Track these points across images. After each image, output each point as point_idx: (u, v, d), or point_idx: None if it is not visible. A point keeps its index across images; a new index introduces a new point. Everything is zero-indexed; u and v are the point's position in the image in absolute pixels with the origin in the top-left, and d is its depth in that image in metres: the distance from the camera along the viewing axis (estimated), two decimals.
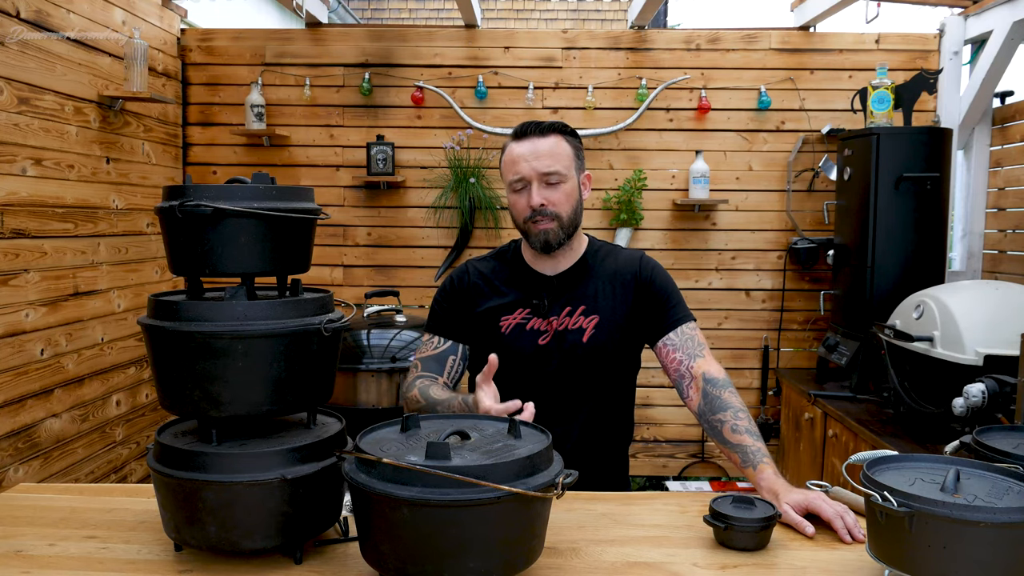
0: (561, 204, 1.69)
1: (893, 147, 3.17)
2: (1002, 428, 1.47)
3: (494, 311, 1.77)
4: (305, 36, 3.87)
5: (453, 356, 1.80)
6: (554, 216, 1.69)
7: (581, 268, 1.79)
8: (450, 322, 1.81)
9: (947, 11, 3.78)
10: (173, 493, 1.26)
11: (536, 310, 1.75)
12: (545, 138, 1.70)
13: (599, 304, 1.75)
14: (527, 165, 1.68)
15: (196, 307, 1.28)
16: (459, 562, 1.09)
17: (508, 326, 1.76)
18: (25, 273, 2.66)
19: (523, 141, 1.70)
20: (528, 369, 1.74)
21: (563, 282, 1.77)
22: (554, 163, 1.68)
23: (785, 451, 3.74)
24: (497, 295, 1.79)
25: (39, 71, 2.72)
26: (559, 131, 1.73)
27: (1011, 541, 1.06)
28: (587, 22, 8.70)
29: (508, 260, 1.84)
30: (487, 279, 1.81)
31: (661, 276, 1.79)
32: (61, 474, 2.86)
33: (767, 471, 1.51)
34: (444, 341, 1.80)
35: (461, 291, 1.81)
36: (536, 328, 1.75)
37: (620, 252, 1.84)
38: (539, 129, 1.71)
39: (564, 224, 1.70)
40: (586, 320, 1.74)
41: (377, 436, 1.26)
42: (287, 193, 1.34)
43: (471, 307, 1.79)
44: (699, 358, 1.71)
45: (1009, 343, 2.32)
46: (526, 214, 1.70)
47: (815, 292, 3.89)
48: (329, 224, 3.90)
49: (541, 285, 1.77)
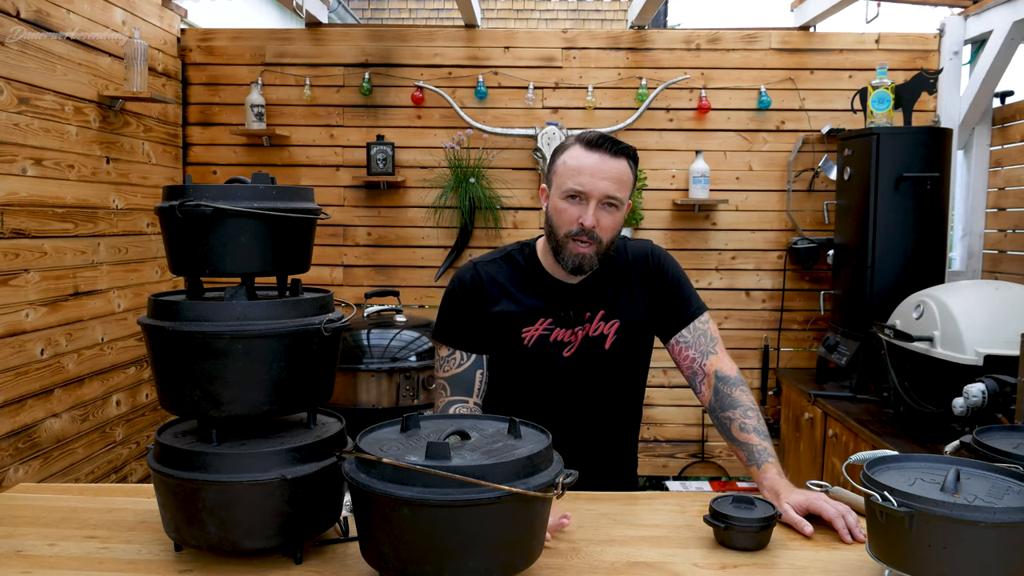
0: (609, 231, 1.62)
1: (893, 147, 3.17)
2: (1002, 428, 1.47)
3: (511, 318, 1.69)
4: (305, 36, 3.87)
5: (480, 371, 1.70)
6: (598, 240, 1.60)
7: (599, 272, 1.71)
8: (467, 331, 1.70)
9: (947, 11, 3.78)
10: (173, 493, 1.26)
11: (561, 321, 1.68)
12: (617, 159, 1.60)
13: (619, 306, 1.70)
14: (592, 181, 1.58)
15: (196, 307, 1.28)
16: (459, 562, 1.09)
17: (531, 338, 1.68)
18: (25, 273, 2.66)
19: (594, 153, 1.59)
20: (551, 381, 1.70)
21: (585, 289, 1.71)
22: (620, 189, 1.60)
23: (785, 451, 3.74)
24: (512, 301, 1.70)
25: (39, 71, 2.72)
26: (630, 156, 1.63)
27: (1011, 541, 1.06)
28: (587, 22, 8.70)
29: (522, 265, 1.73)
30: (499, 283, 1.71)
31: (673, 267, 1.75)
32: (61, 474, 2.86)
33: (771, 471, 1.51)
34: (467, 356, 1.70)
35: (473, 294, 1.70)
36: (560, 339, 1.68)
37: (628, 245, 1.78)
38: (614, 148, 1.60)
39: (601, 251, 1.63)
40: (607, 326, 1.69)
41: (377, 436, 1.26)
42: (287, 193, 1.34)
43: (484, 310, 1.70)
44: (712, 355, 1.70)
45: (1009, 343, 2.32)
46: (572, 229, 1.60)
47: (815, 292, 3.89)
48: (329, 224, 3.90)
49: (564, 294, 1.69)
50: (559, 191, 1.62)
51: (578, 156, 1.60)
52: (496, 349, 1.71)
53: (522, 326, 1.68)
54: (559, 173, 1.63)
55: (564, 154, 1.64)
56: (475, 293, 1.70)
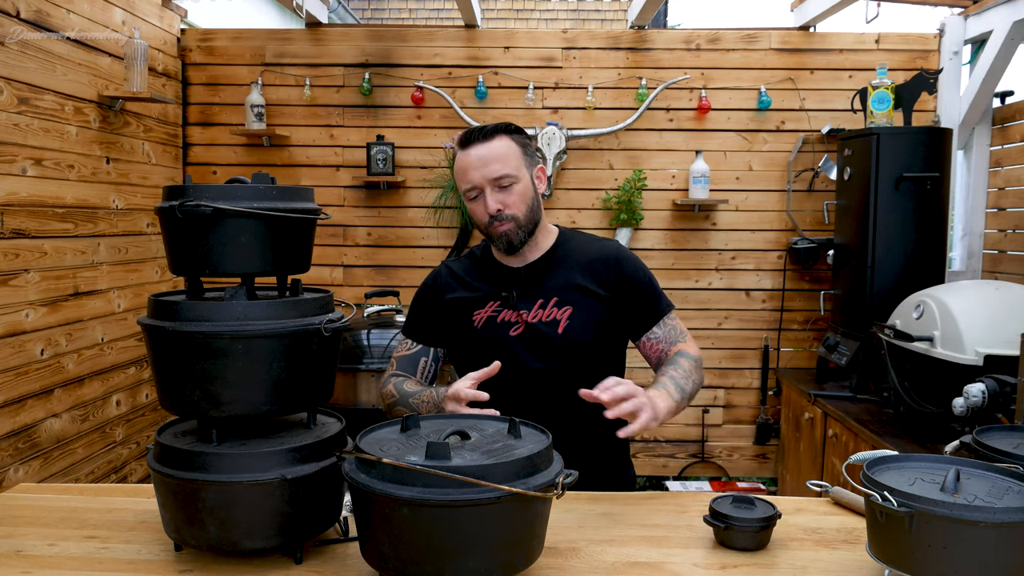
0: (516, 205, 1.70)
1: (893, 147, 3.17)
2: (1002, 428, 1.47)
3: (464, 304, 1.79)
4: (305, 36, 3.87)
5: (425, 358, 1.85)
6: (511, 218, 1.70)
7: (549, 259, 1.79)
8: (423, 325, 1.86)
9: (947, 11, 3.78)
10: (173, 493, 1.26)
11: (505, 302, 1.76)
12: (490, 142, 1.69)
13: (572, 295, 1.75)
14: (477, 173, 1.68)
15: (196, 307, 1.28)
16: (459, 562, 1.09)
17: (480, 320, 1.77)
18: (25, 273, 2.66)
19: (469, 149, 1.70)
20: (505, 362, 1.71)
21: (531, 273, 1.78)
22: (503, 167, 1.68)
23: (785, 451, 3.74)
24: (468, 289, 1.81)
25: (39, 71, 2.72)
26: (503, 131, 1.72)
27: (1011, 541, 1.06)
28: (587, 22, 8.70)
29: (479, 257, 1.87)
30: (458, 276, 1.84)
31: (640, 270, 1.80)
32: (61, 474, 2.86)
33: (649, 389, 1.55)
34: (415, 344, 1.86)
35: (434, 291, 1.85)
36: (507, 320, 1.76)
37: (593, 242, 1.84)
38: (483, 134, 1.70)
39: (522, 223, 1.72)
40: (560, 311, 1.74)
41: (377, 436, 1.26)
42: (287, 193, 1.34)
43: (439, 301, 1.83)
44: (680, 342, 1.77)
45: (1009, 343, 2.32)
46: (484, 220, 1.72)
47: (815, 292, 3.89)
48: (329, 224, 3.90)
49: (509, 277, 1.79)
50: (463, 196, 1.76)
51: (460, 159, 1.73)
52: (452, 336, 1.83)
53: (473, 309, 1.79)
54: (457, 182, 1.77)
55: (454, 163, 1.77)
56: (433, 287, 1.85)
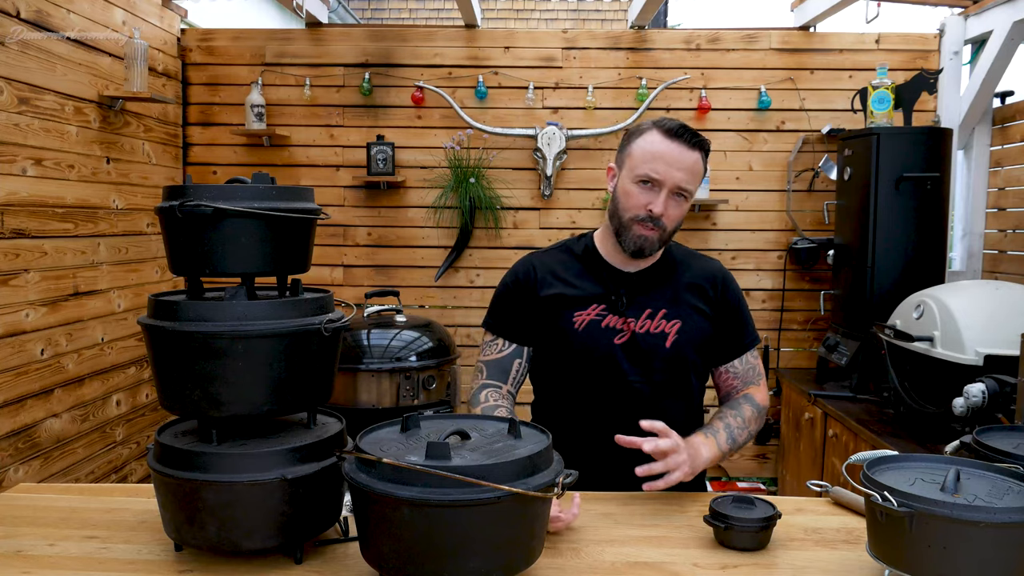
0: (674, 221, 1.63)
1: (893, 147, 3.17)
2: (1002, 428, 1.47)
3: (563, 301, 1.69)
4: (305, 36, 3.87)
5: (518, 360, 1.73)
6: (662, 228, 1.62)
7: (662, 269, 1.72)
8: (513, 321, 1.74)
9: (947, 11, 3.78)
10: (173, 493, 1.26)
11: (613, 307, 1.67)
12: (693, 151, 1.61)
13: (681, 309, 1.69)
14: (668, 170, 1.59)
15: (196, 307, 1.28)
16: (459, 562, 1.09)
17: (582, 322, 1.66)
18: (25, 273, 2.66)
19: (672, 142, 1.60)
20: (601, 371, 1.66)
21: (643, 280, 1.70)
22: (692, 181, 1.61)
23: (785, 451, 3.74)
24: (566, 285, 1.70)
25: (39, 71, 2.72)
26: (704, 150, 1.65)
27: (1011, 541, 1.06)
28: (587, 22, 8.70)
29: (579, 254, 1.75)
30: (554, 271, 1.73)
31: (740, 295, 1.76)
32: (61, 474, 2.86)
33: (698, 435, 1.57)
34: (508, 344, 1.74)
35: (527, 286, 1.72)
36: (612, 326, 1.67)
37: (696, 257, 1.79)
38: (692, 140, 1.61)
39: (665, 238, 1.65)
40: (668, 324, 1.67)
41: (377, 436, 1.26)
42: (287, 193, 1.34)
43: (533, 296, 1.71)
44: (753, 384, 1.75)
45: (1009, 343, 2.32)
46: (639, 213, 1.61)
47: (815, 292, 3.89)
48: (329, 224, 3.90)
49: (619, 281, 1.69)
50: (631, 174, 1.62)
51: (655, 143, 1.60)
52: (544, 336, 1.71)
53: (574, 309, 1.68)
54: (633, 156, 1.63)
55: (640, 138, 1.64)
56: (526, 282, 1.73)
